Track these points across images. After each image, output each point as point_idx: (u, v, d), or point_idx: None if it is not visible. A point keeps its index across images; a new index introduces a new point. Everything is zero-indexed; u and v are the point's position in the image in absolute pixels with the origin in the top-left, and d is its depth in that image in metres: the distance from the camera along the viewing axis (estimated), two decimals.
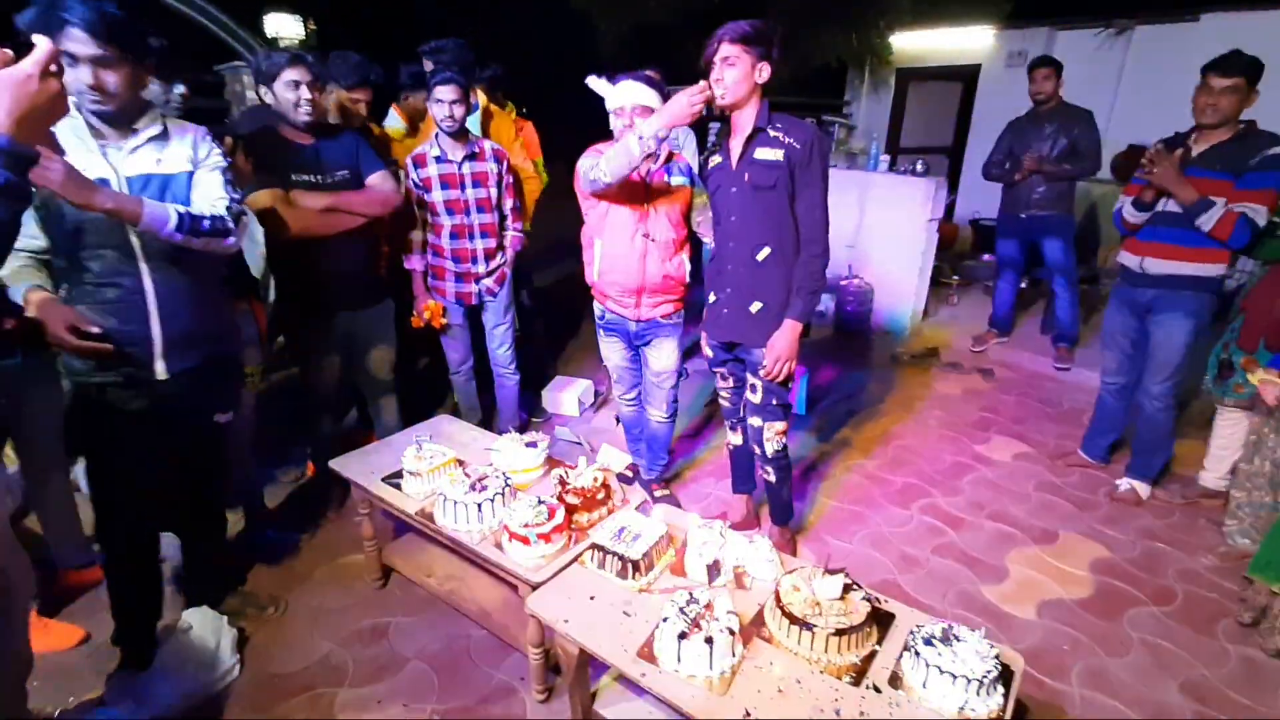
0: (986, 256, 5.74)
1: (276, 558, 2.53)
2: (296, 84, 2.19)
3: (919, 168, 4.91)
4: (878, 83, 7.65)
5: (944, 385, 4.20)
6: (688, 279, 2.48)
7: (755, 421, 2.32)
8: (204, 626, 2.06)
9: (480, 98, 3.26)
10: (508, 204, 2.90)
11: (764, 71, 1.99)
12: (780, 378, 2.18)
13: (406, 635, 2.19)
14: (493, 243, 2.89)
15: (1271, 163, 2.36)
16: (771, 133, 2.04)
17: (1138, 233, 2.71)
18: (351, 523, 2.44)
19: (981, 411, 3.84)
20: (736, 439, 2.56)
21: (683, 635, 1.36)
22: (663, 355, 2.55)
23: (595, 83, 2.49)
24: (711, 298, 2.33)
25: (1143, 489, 2.93)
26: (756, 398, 2.27)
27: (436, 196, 2.73)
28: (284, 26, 4.80)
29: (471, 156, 2.74)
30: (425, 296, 2.88)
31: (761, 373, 2.19)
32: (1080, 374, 4.20)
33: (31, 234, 1.59)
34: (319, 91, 2.26)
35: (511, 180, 2.89)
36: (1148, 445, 2.91)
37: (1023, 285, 4.73)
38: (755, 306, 2.18)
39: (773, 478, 2.42)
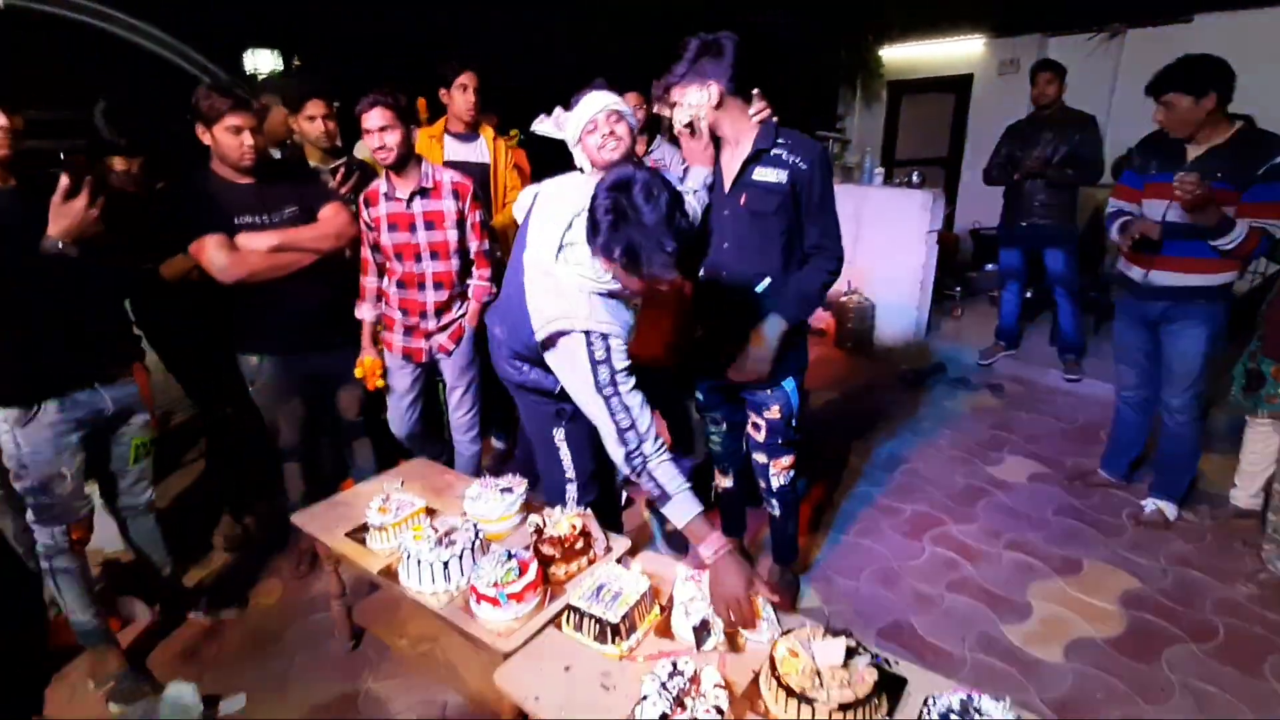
0: (989, 266, 5.59)
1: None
2: (238, 130, 2.03)
3: (915, 179, 4.79)
4: (870, 96, 7.59)
5: (951, 403, 4.03)
6: None
7: (760, 458, 2.15)
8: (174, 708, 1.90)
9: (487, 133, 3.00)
10: (473, 246, 2.46)
11: (713, 94, 1.79)
12: (752, 379, 1.97)
13: (377, 705, 2.01)
14: (446, 295, 2.44)
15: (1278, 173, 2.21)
16: (774, 152, 1.83)
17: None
18: (324, 578, 2.28)
19: (992, 430, 3.66)
20: (726, 482, 2.39)
21: (664, 718, 1.19)
22: None
23: (543, 126, 2.16)
24: (698, 332, 2.13)
25: (1170, 510, 2.74)
26: (761, 435, 2.11)
27: (385, 239, 2.35)
28: (263, 63, 4.69)
29: (423, 193, 2.32)
30: (369, 349, 2.51)
31: (730, 371, 1.98)
32: (1093, 386, 4.03)
33: None
34: (261, 135, 2.11)
35: (479, 219, 2.45)
36: (1172, 462, 2.73)
37: (1028, 295, 4.58)
38: None
39: (777, 512, 2.25)
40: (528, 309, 1.64)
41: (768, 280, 1.92)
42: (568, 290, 1.56)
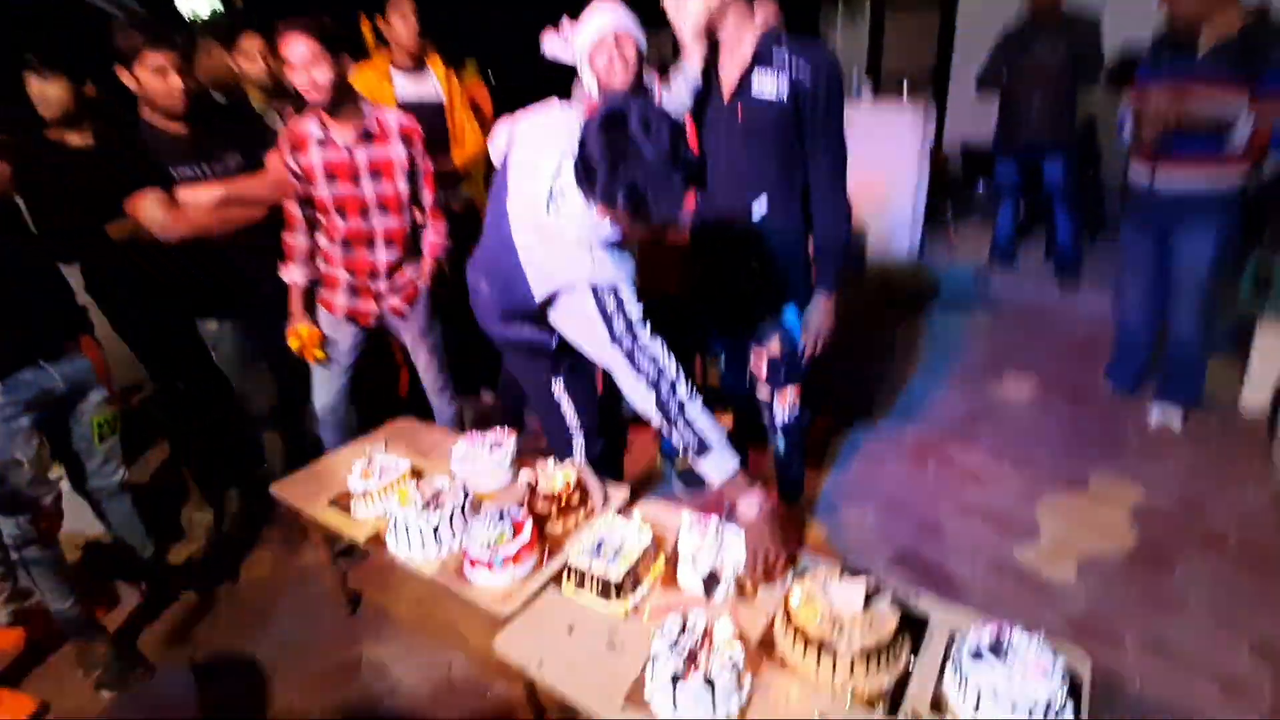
0: (980, 184, 5.41)
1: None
2: (161, 69, 1.81)
3: (905, 94, 4.56)
4: (853, 12, 7.21)
5: (948, 325, 3.94)
6: None
7: (763, 392, 2.06)
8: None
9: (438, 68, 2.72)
10: (426, 198, 2.21)
11: None
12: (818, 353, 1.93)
13: (378, 670, 1.96)
14: (399, 253, 2.19)
15: None
16: (776, 59, 1.64)
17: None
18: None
19: (991, 350, 3.58)
20: (726, 420, 2.29)
21: (677, 678, 1.12)
22: None
23: (553, 46, 1.96)
24: (694, 267, 1.98)
25: (1176, 418, 2.69)
26: (763, 369, 2.00)
27: (323, 192, 2.04)
28: (199, 5, 4.32)
29: (368, 138, 2.02)
30: (301, 316, 2.20)
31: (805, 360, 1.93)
32: (1091, 300, 3.92)
33: None
34: (191, 77, 1.89)
35: (431, 168, 2.19)
36: (1180, 369, 2.66)
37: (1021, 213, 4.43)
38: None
39: (782, 449, 2.17)
40: (520, 265, 1.47)
41: (764, 199, 1.75)
42: (565, 244, 1.39)
